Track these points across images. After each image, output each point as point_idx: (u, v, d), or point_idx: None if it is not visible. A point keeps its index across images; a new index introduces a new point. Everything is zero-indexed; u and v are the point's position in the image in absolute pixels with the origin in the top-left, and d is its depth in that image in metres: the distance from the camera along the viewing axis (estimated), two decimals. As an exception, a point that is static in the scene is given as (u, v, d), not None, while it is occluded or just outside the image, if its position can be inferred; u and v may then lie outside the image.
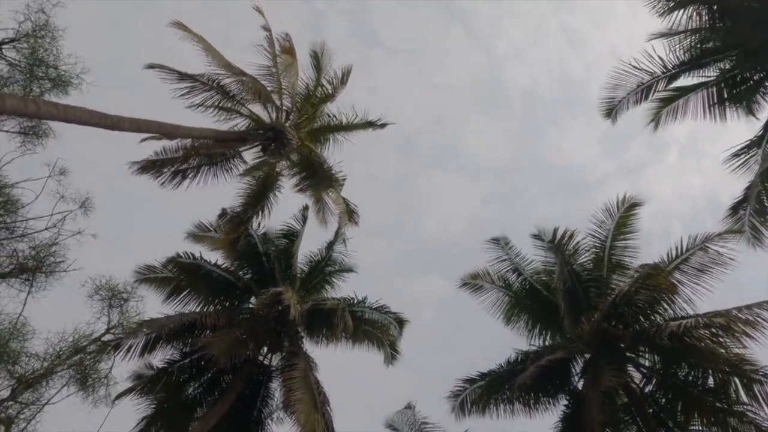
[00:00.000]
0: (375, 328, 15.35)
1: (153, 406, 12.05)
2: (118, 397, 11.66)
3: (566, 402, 12.82)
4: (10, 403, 5.76)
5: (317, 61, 13.90)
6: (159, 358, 12.48)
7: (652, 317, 11.89)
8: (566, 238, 12.20)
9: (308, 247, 15.57)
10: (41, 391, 6.27)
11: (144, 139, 11.11)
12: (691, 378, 12.03)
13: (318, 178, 12.38)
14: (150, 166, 11.51)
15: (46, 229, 7.88)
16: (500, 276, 15.09)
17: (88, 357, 6.78)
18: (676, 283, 12.05)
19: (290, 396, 11.15)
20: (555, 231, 11.99)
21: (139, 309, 7.55)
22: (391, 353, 15.60)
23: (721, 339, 10.82)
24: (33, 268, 7.14)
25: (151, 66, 10.63)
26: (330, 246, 15.46)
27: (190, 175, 12.01)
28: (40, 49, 8.53)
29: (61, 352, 6.41)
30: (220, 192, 12.90)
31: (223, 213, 12.37)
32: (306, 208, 13.95)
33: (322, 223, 14.65)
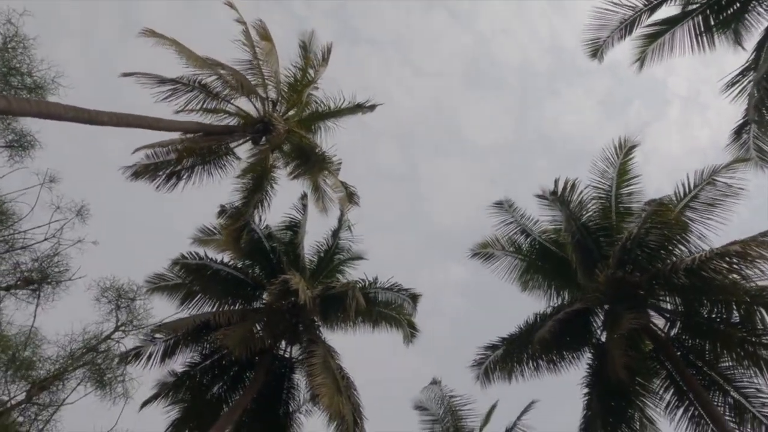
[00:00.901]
0: (390, 309, 15.30)
1: (180, 408, 12.15)
2: (145, 404, 11.79)
3: (590, 355, 12.65)
4: (27, 405, 5.81)
5: (305, 50, 13.83)
6: (180, 361, 12.59)
7: (667, 258, 11.64)
8: (569, 189, 11.98)
9: (313, 238, 15.59)
10: (56, 392, 6.32)
11: (137, 150, 11.17)
12: (714, 315, 11.77)
13: (311, 163, 12.33)
14: (143, 171, 11.56)
15: (46, 239, 7.95)
16: (509, 240, 14.91)
17: (101, 356, 6.84)
18: (686, 220, 11.84)
19: (312, 381, 11.15)
20: (556, 182, 11.79)
21: (146, 306, 7.57)
22: (410, 332, 15.55)
23: (739, 268, 10.54)
24: (38, 279, 7.18)
25: (127, 74, 10.66)
26: (336, 234, 15.40)
27: (184, 176, 12.05)
28: (12, 59, 8.57)
29: (72, 353, 6.47)
30: (219, 191, 12.91)
31: (222, 210, 12.39)
32: (304, 196, 13.93)
33: (322, 211, 14.62)
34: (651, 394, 12.65)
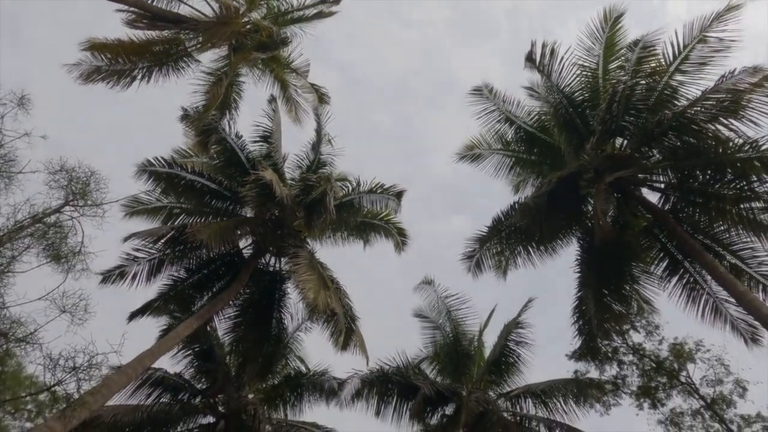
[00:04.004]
0: (378, 219, 15.00)
1: (169, 318, 12.14)
2: (132, 317, 11.76)
3: (581, 234, 12.35)
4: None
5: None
6: (167, 275, 12.44)
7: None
8: (548, 54, 11.19)
9: (294, 157, 15.02)
10: (5, 259, 6.09)
11: (86, 48, 10.47)
12: (707, 177, 11.31)
13: (271, 46, 11.54)
14: (95, 73, 10.91)
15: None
16: (495, 135, 14.33)
17: (52, 229, 6.55)
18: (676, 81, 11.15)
19: (298, 278, 10.95)
20: (532, 45, 10.96)
21: (101, 187, 7.20)
22: (401, 240, 15.32)
23: (727, 119, 9.93)
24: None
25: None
26: (315, 147, 14.82)
27: (138, 77, 11.39)
28: None
29: (18, 223, 6.18)
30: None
31: (185, 114, 11.81)
32: (273, 99, 13.24)
33: (295, 121, 13.99)
34: (644, 269, 12.44)
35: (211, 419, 13.82)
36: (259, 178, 10.72)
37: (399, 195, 13.47)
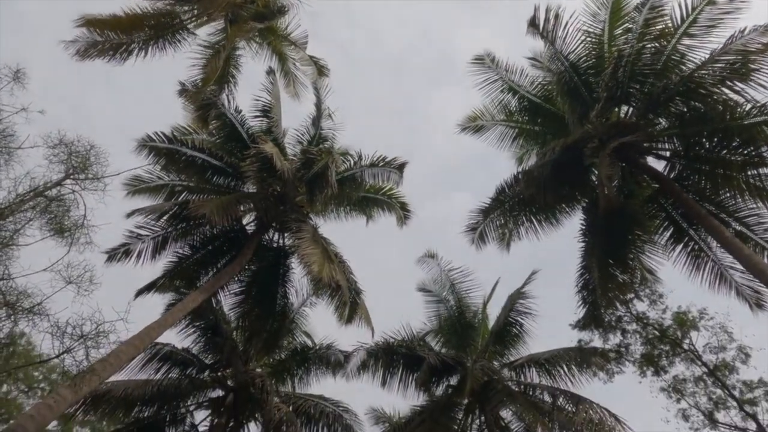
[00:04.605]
0: (378, 193, 14.94)
1: (174, 294, 12.26)
2: (139, 294, 11.85)
3: (585, 203, 12.26)
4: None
5: None
6: (172, 252, 12.49)
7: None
8: (552, 19, 10.90)
9: (295, 132, 14.87)
10: (8, 232, 6.09)
11: (80, 24, 10.27)
12: (714, 144, 11.14)
13: (268, 15, 11.29)
14: (91, 48, 10.73)
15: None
16: (498, 106, 14.11)
17: (54, 202, 6.54)
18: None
19: (301, 252, 10.95)
20: (536, 10, 10.67)
21: (101, 161, 7.14)
22: (403, 214, 15.28)
23: (736, 82, 9.71)
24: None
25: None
26: (316, 122, 14.66)
27: (135, 51, 11.19)
28: None
29: (20, 196, 6.17)
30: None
31: (183, 88, 11.65)
32: (271, 71, 13.03)
33: (294, 96, 13.79)
34: (649, 238, 12.38)
35: (220, 393, 14.07)
36: (260, 151, 10.62)
37: (401, 167, 13.37)
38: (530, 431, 12.86)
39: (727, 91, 10.00)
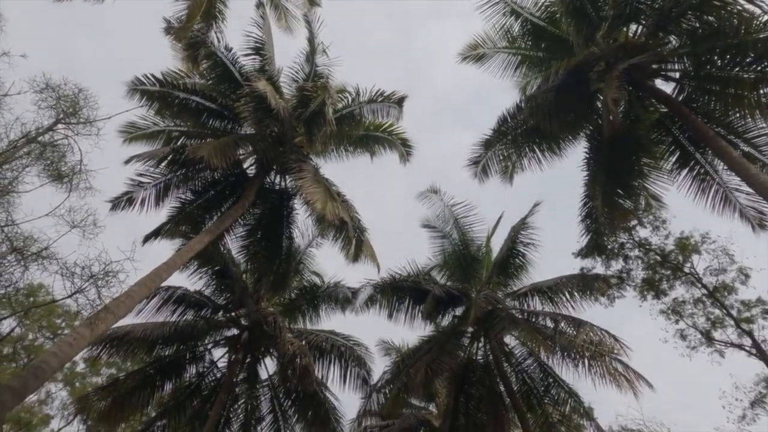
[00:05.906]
0: (379, 130, 14.64)
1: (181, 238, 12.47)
2: (146, 240, 12.03)
3: (590, 130, 11.99)
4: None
5: None
6: (174, 198, 12.52)
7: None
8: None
9: (290, 71, 14.32)
10: (6, 180, 6.09)
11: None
12: (727, 61, 10.66)
13: None
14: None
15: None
16: (500, 31, 13.44)
17: (49, 148, 6.47)
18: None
19: (304, 191, 10.92)
20: None
21: (89, 104, 6.94)
22: (405, 150, 15.06)
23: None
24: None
25: None
26: (309, 58, 14.07)
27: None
28: None
29: (12, 142, 6.09)
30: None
31: (168, 25, 11.11)
32: (260, 4, 12.36)
33: (286, 30, 13.13)
34: (654, 164, 12.22)
35: (235, 331, 14.67)
36: (253, 89, 10.29)
37: (400, 102, 12.99)
38: (533, 354, 13.43)
39: (742, 1, 9.43)
